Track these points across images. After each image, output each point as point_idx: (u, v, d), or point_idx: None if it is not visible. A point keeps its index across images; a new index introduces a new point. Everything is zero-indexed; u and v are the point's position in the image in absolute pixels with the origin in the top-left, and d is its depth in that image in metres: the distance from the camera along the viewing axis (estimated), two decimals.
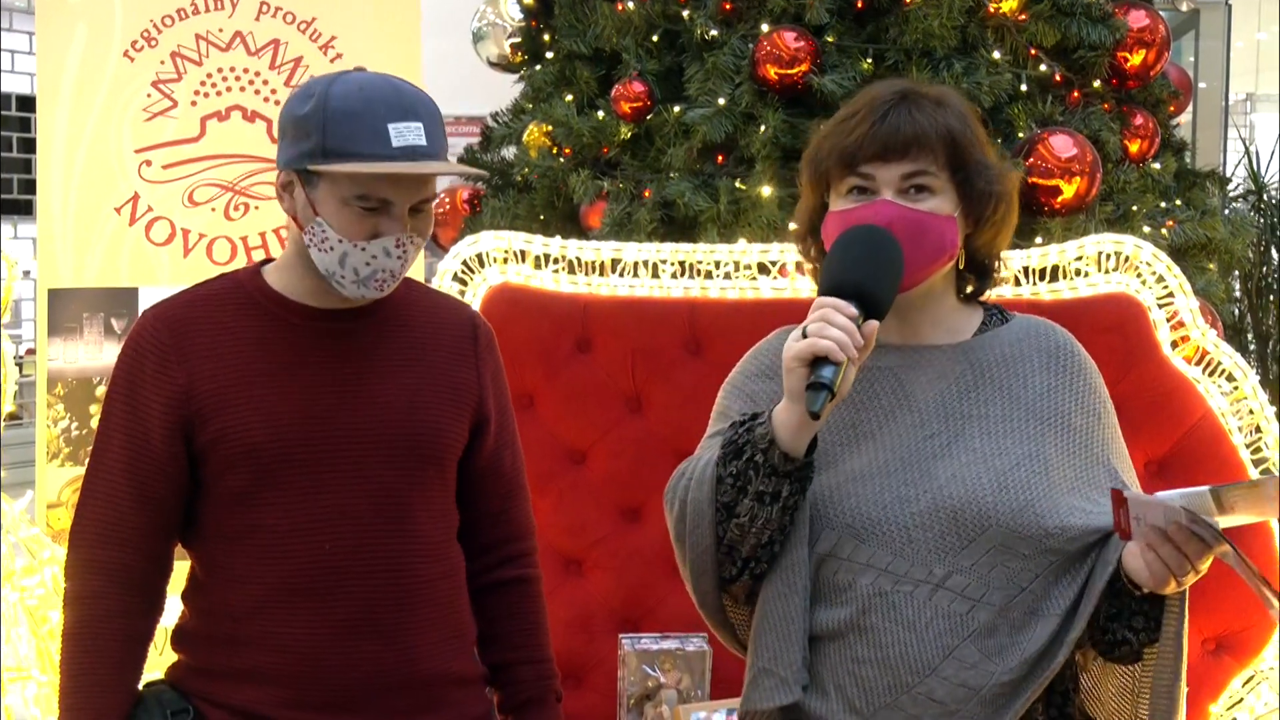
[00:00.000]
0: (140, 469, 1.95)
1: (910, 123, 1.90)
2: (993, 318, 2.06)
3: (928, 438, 1.93)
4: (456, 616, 2.08)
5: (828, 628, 1.92)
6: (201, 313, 2.00)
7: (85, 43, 3.75)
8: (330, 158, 1.88)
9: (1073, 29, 4.06)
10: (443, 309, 2.15)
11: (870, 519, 1.89)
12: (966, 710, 1.85)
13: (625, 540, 3.22)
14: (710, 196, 3.94)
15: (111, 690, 1.96)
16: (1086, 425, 1.97)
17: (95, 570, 1.96)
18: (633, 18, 4.15)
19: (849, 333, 1.76)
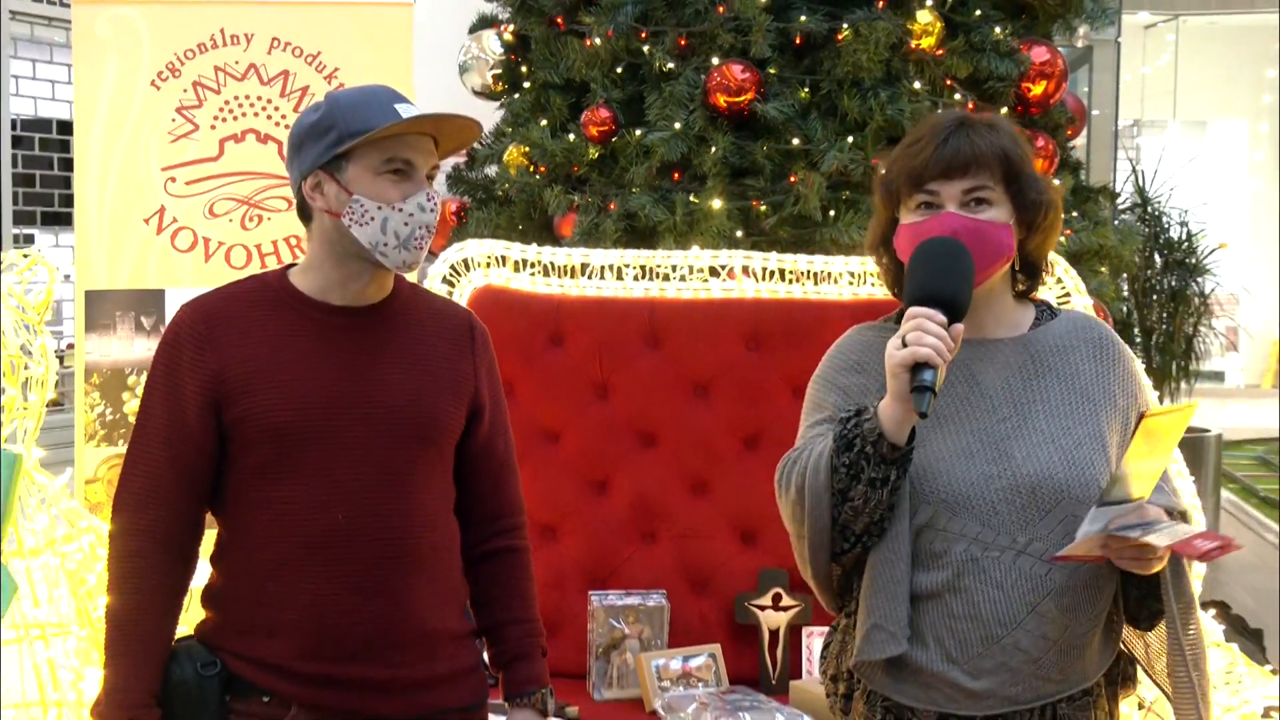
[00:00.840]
0: (177, 441, 1.95)
1: (969, 144, 1.92)
2: (1044, 313, 2.08)
3: (999, 421, 1.96)
4: (451, 579, 2.07)
5: (927, 589, 1.94)
6: (233, 307, 2.00)
7: (116, 74, 3.74)
8: (356, 135, 1.90)
9: (983, 63, 4.06)
10: (444, 311, 2.15)
11: (961, 495, 1.91)
12: (1047, 659, 1.90)
13: (594, 510, 3.21)
14: (668, 209, 3.93)
15: (153, 639, 1.95)
16: (1128, 404, 2.00)
17: (136, 532, 1.96)
18: (599, 52, 4.13)
19: (942, 339, 1.80)
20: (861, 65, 3.93)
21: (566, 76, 4.28)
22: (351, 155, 1.92)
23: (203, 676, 1.94)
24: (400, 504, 1.98)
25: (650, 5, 4.14)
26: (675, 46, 4.07)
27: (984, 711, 1.92)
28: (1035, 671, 1.90)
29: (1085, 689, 1.95)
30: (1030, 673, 1.90)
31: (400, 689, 1.98)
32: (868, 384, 2.00)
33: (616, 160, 4.14)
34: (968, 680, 1.91)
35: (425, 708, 2.01)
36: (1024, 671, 1.90)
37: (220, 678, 1.95)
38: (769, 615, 3.07)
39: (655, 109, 4.05)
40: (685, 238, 3.86)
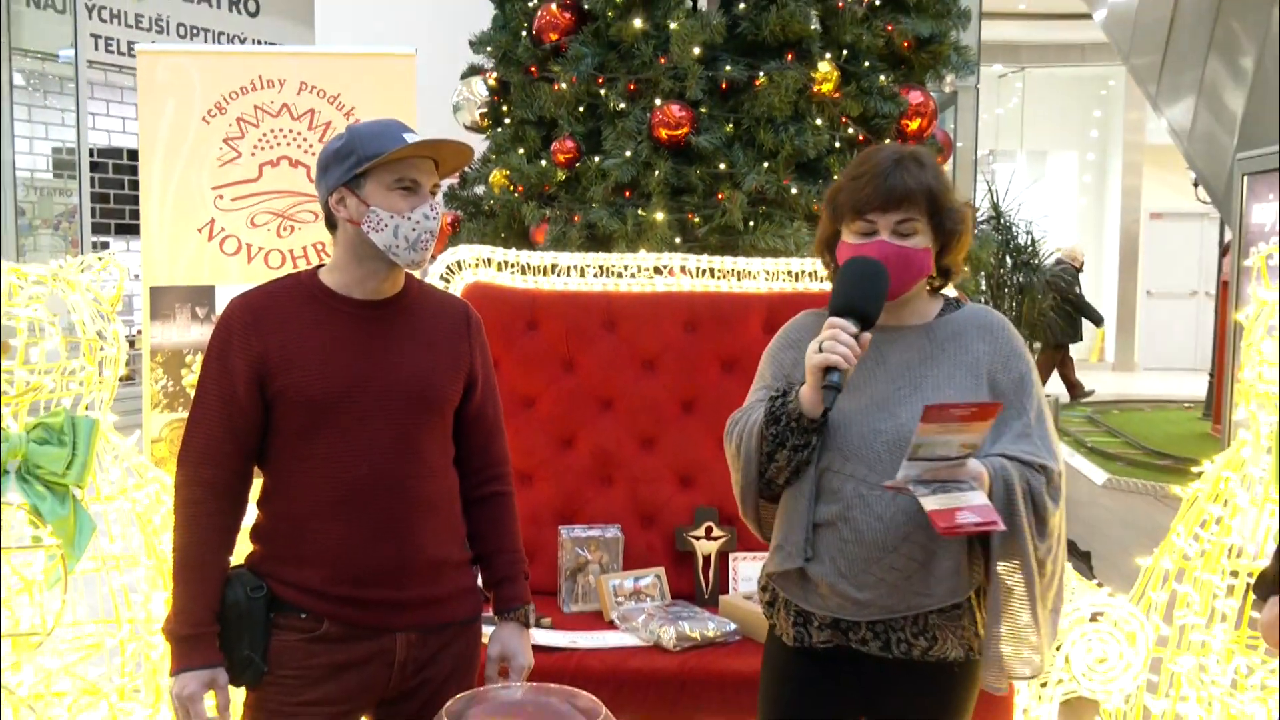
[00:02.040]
0: (228, 410, 1.95)
1: (903, 183, 1.92)
2: (949, 305, 2.08)
3: (895, 389, 1.96)
4: (452, 519, 2.08)
5: (825, 518, 1.96)
6: (273, 301, 2.00)
7: (174, 112, 3.72)
8: (371, 159, 1.91)
9: (871, 104, 4.08)
10: (445, 303, 2.14)
11: (854, 445, 1.93)
12: (917, 577, 1.92)
13: (562, 460, 3.21)
14: (621, 220, 3.93)
15: (211, 569, 1.96)
16: (1008, 382, 1.99)
17: (197, 483, 1.96)
18: (565, 95, 4.12)
19: (851, 347, 1.83)
20: (774, 105, 3.94)
21: (539, 114, 4.27)
22: (368, 175, 1.93)
23: (252, 598, 1.94)
24: (410, 459, 1.98)
25: (606, 57, 4.13)
26: (626, 90, 4.06)
27: (867, 618, 1.94)
28: (908, 586, 1.91)
29: (955, 603, 1.94)
30: (904, 587, 1.92)
31: (411, 607, 1.99)
32: (799, 357, 2.00)
33: (580, 181, 4.13)
34: (854, 591, 1.93)
35: (431, 621, 2.01)
36: (899, 586, 1.91)
37: (266, 599, 1.95)
38: (702, 544, 3.09)
39: (610, 140, 4.04)
40: (635, 243, 3.86)
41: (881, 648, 1.95)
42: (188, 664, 1.91)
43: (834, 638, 1.99)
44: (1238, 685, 2.74)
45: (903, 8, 4.23)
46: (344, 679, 1.96)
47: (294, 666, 1.94)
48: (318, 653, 1.94)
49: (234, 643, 1.94)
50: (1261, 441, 2.79)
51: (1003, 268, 8.31)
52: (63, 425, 2.64)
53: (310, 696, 1.94)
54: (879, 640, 1.95)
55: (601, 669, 2.65)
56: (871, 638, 1.96)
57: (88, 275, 2.83)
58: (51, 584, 2.63)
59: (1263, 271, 2.89)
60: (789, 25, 3.97)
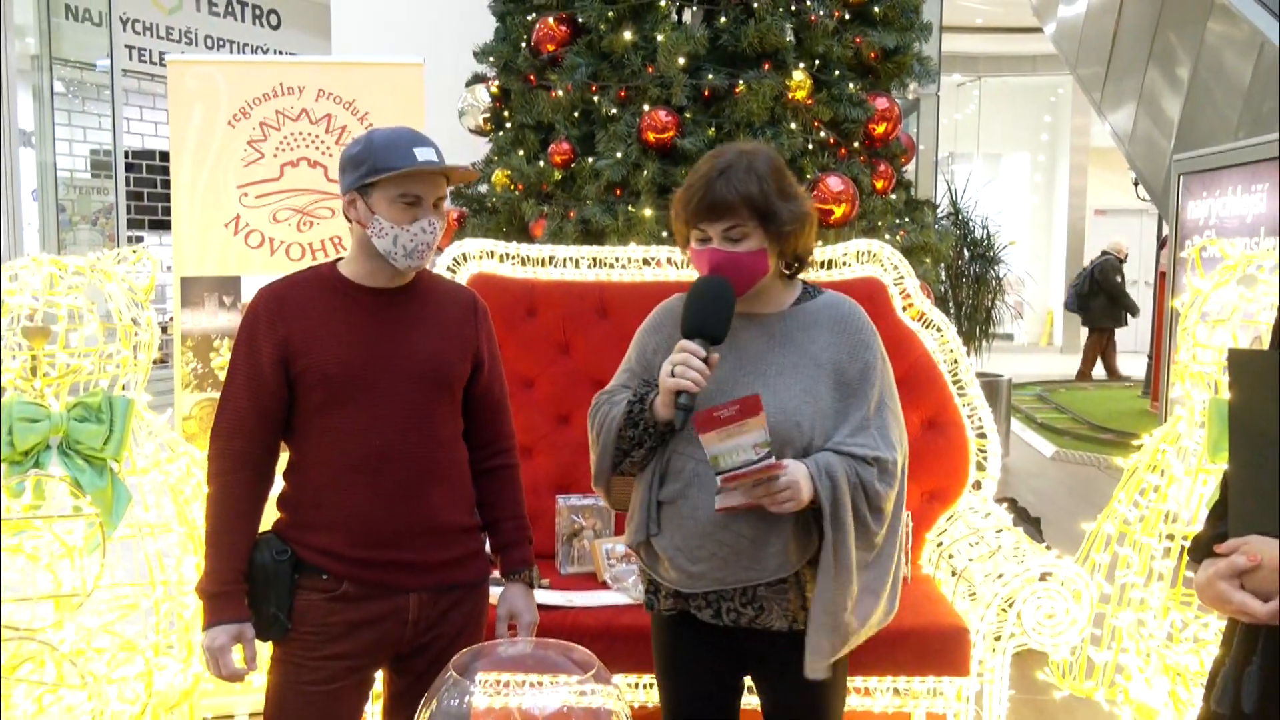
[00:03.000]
0: (256, 388, 1.96)
1: (723, 195, 1.85)
2: (806, 293, 2.00)
3: (743, 375, 1.91)
4: (461, 487, 2.07)
5: (668, 496, 1.93)
6: (296, 290, 2.00)
7: (201, 117, 3.70)
8: (380, 172, 1.90)
9: (841, 110, 4.07)
10: (454, 291, 2.14)
11: (694, 430, 1.86)
12: (746, 552, 1.88)
13: (559, 436, 3.20)
14: (613, 217, 3.92)
15: (240, 534, 1.96)
16: (853, 371, 1.92)
17: (228, 455, 1.97)
18: (562, 102, 4.10)
19: (701, 370, 1.81)
20: (753, 111, 3.93)
21: (537, 119, 4.25)
22: (377, 185, 1.93)
23: (277, 561, 1.96)
24: (421, 433, 1.98)
25: (599, 67, 4.11)
26: (617, 97, 4.04)
27: (701, 589, 1.92)
28: (737, 560, 1.88)
29: (782, 578, 1.89)
30: (734, 562, 1.88)
31: (422, 569, 1.99)
32: (660, 343, 1.99)
33: (575, 181, 4.12)
34: (689, 565, 1.90)
35: (441, 582, 2.02)
36: (729, 561, 1.88)
37: (290, 561, 1.96)
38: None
39: (603, 143, 4.03)
40: (625, 237, 3.85)
41: (713, 615, 1.93)
42: (218, 619, 1.93)
43: (677, 604, 1.97)
44: (1173, 638, 2.76)
45: (870, 21, 4.22)
46: (361, 635, 1.96)
47: (315, 623, 1.95)
48: (337, 610, 1.95)
49: (261, 601, 1.95)
50: (1195, 417, 2.80)
51: (960, 260, 8.32)
52: (101, 404, 2.63)
53: (330, 650, 1.95)
54: (711, 609, 1.93)
55: (595, 625, 2.65)
56: (704, 605, 1.93)
57: (123, 267, 2.82)
58: (91, 549, 2.63)
59: (1197, 263, 2.90)
60: (766, 37, 3.95)
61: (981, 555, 2.81)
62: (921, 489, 3.13)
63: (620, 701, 1.64)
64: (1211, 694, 1.59)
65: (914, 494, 3.12)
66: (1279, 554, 1.42)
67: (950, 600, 2.81)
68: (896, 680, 2.65)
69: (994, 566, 2.72)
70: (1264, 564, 1.43)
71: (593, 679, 1.62)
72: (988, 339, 8.57)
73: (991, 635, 2.62)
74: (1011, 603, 2.60)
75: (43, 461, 2.59)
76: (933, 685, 2.65)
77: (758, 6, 3.97)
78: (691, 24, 4.12)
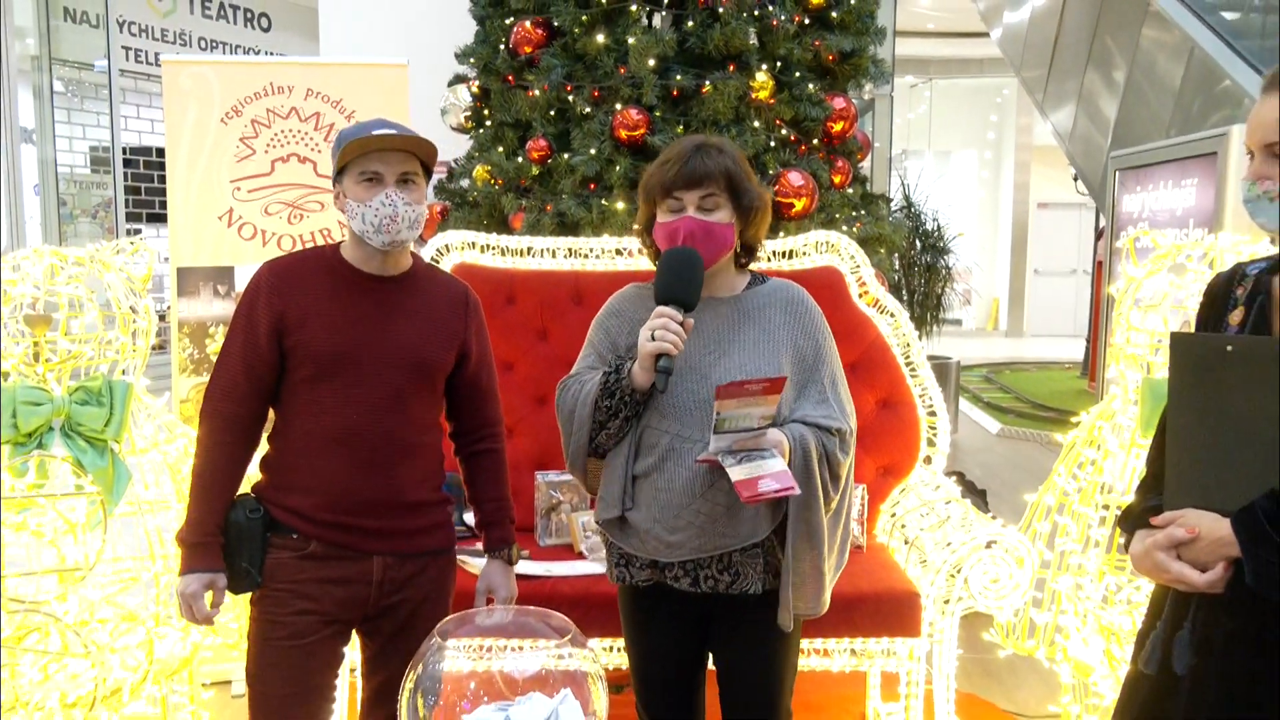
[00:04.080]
0: (250, 357, 1.95)
1: (703, 165, 1.88)
2: (755, 280, 2.03)
3: (706, 354, 1.91)
4: (430, 465, 2.06)
5: (642, 470, 1.93)
6: (298, 268, 2.00)
7: (196, 115, 3.66)
8: (344, 154, 1.91)
9: (801, 109, 4.07)
10: (447, 284, 2.12)
11: (670, 404, 1.89)
12: (721, 520, 1.88)
13: (538, 417, 3.19)
14: (587, 209, 3.90)
15: (220, 489, 1.97)
16: (808, 348, 1.94)
17: (218, 415, 1.97)
18: (539, 101, 4.08)
19: (678, 334, 1.81)
20: (719, 110, 3.92)
21: (516, 117, 4.22)
22: (346, 170, 1.93)
23: (250, 519, 1.96)
24: (400, 414, 1.98)
25: (573, 68, 4.08)
26: (591, 97, 4.02)
27: (678, 558, 1.91)
28: (713, 529, 1.88)
29: (755, 542, 1.90)
30: (710, 530, 1.88)
31: (386, 535, 1.99)
32: (622, 325, 2.00)
33: (551, 176, 4.09)
34: (666, 534, 1.89)
35: (403, 549, 2.01)
36: (705, 529, 1.88)
37: (263, 520, 1.97)
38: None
39: (578, 140, 4.00)
40: (599, 229, 3.84)
41: (691, 584, 1.92)
42: (192, 566, 1.94)
43: (653, 576, 1.96)
44: (1108, 600, 2.79)
45: (828, 26, 4.21)
46: (329, 592, 1.96)
47: (286, 580, 1.96)
48: (306, 569, 1.95)
49: (235, 556, 1.96)
50: (1129, 395, 2.82)
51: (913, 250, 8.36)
52: (101, 388, 2.61)
53: (300, 606, 1.95)
54: (689, 577, 1.92)
55: (572, 593, 2.65)
56: (682, 574, 1.93)
57: (121, 257, 2.79)
58: (92, 526, 2.61)
59: (1131, 253, 2.92)
60: (731, 40, 3.94)
61: (932, 525, 2.84)
62: (876, 463, 3.15)
63: (595, 664, 1.65)
64: (1140, 656, 1.60)
65: (869, 468, 3.14)
66: (1215, 527, 1.43)
67: (903, 567, 2.83)
68: (854, 641, 2.67)
69: (943, 535, 2.74)
70: (1201, 536, 1.44)
71: (569, 643, 1.62)
72: (938, 324, 8.63)
73: (941, 599, 2.64)
74: (959, 569, 2.62)
75: (46, 443, 2.56)
76: (887, 646, 2.67)
77: (723, 11, 3.96)
78: (661, 28, 4.10)
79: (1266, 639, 1.43)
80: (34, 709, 2.60)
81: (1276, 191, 1.42)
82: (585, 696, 1.62)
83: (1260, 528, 1.38)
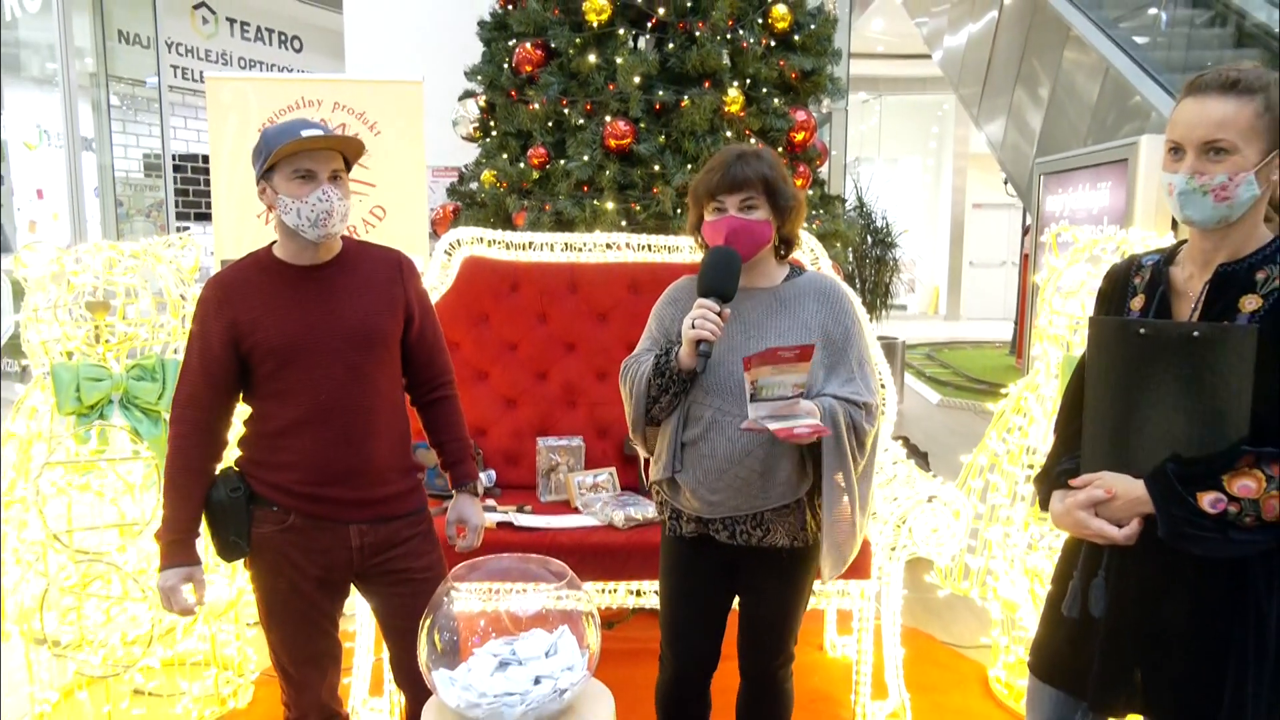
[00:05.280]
0: (209, 365, 1.85)
1: (743, 171, 1.87)
2: (795, 272, 2.00)
3: (746, 339, 1.90)
4: (398, 432, 1.98)
5: (689, 439, 1.92)
6: (238, 276, 1.89)
7: (236, 125, 3.60)
8: (271, 155, 1.80)
9: (768, 121, 4.04)
10: (380, 255, 2.00)
11: (713, 382, 1.88)
12: (756, 484, 1.87)
13: (538, 389, 3.17)
14: (581, 209, 3.87)
15: (191, 488, 1.86)
16: (837, 333, 1.91)
17: (184, 421, 1.87)
18: (538, 114, 4.04)
19: (716, 323, 1.80)
20: (696, 122, 3.88)
21: (518, 128, 4.18)
22: (276, 169, 1.82)
23: (232, 496, 1.87)
24: (362, 387, 1.88)
25: (568, 85, 4.04)
26: (584, 110, 3.98)
27: (719, 514, 1.91)
28: (749, 491, 1.88)
29: (786, 504, 1.90)
30: (746, 491, 1.88)
31: (363, 504, 1.91)
32: (676, 314, 1.97)
33: (550, 179, 4.06)
34: (709, 495, 1.90)
35: (379, 515, 1.93)
36: (742, 491, 1.88)
37: (244, 495, 1.88)
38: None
39: (572, 148, 3.97)
40: (592, 226, 3.81)
41: (729, 537, 1.93)
42: (171, 563, 1.85)
43: (698, 529, 1.97)
44: (1032, 547, 2.81)
45: (791, 48, 4.18)
46: (315, 560, 1.89)
47: (273, 552, 1.88)
48: (289, 541, 1.88)
49: (221, 530, 1.88)
50: (1051, 370, 2.83)
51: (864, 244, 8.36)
52: (155, 365, 2.58)
53: (291, 575, 1.89)
54: (727, 531, 1.93)
55: (569, 543, 2.65)
56: (721, 529, 1.93)
57: (171, 251, 2.75)
58: (148, 486, 2.59)
59: (1053, 246, 2.92)
60: (706, 61, 3.91)
61: (881, 482, 2.84)
62: None
63: (589, 604, 1.65)
64: (1061, 601, 1.60)
65: None
66: (1130, 488, 1.44)
67: None
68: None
69: (891, 491, 2.75)
70: (1118, 496, 1.45)
71: (566, 586, 1.62)
72: (886, 308, 8.64)
73: (888, 546, 2.66)
74: (905, 520, 2.64)
75: (106, 414, 2.54)
76: (842, 587, 2.69)
77: (700, 35, 3.92)
78: (645, 49, 4.06)
79: (1175, 586, 1.44)
80: (99, 646, 2.59)
81: (1213, 185, 1.40)
82: (580, 632, 1.62)
83: (1171, 487, 1.39)
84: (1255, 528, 1.34)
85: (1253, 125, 1.38)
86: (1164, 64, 6.59)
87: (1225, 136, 1.38)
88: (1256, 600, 1.38)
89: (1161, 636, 1.45)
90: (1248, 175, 1.38)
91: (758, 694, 2.07)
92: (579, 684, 1.57)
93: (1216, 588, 1.41)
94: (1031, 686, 1.67)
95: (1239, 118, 1.38)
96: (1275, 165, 1.39)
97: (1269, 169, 1.39)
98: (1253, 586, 1.38)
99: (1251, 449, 1.34)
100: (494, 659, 1.56)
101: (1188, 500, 1.37)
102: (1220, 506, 1.34)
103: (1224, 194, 1.40)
